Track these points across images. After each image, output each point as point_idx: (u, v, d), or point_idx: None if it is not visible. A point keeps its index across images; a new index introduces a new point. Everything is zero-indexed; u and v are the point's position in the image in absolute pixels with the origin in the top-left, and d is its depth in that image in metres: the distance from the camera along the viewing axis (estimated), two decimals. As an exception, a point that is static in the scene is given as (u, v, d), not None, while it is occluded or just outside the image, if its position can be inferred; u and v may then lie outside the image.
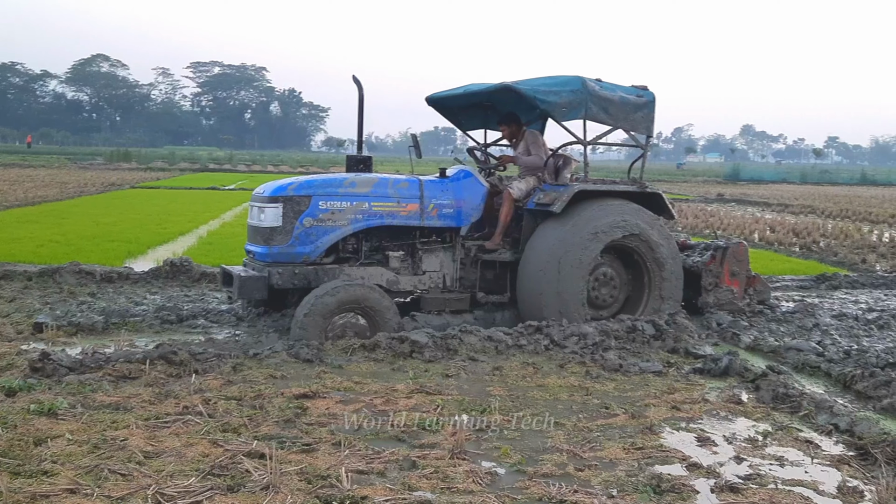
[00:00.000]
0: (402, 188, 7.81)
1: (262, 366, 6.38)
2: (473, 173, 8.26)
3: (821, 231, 18.68)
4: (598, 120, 8.10)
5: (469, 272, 8.15)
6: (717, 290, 8.71)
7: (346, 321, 7.18)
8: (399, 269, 7.86)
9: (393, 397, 5.76)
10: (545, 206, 7.93)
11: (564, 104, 7.88)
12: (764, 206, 30.46)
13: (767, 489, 4.30)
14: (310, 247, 7.46)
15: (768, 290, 9.28)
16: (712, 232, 17.90)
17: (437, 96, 9.17)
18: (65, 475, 4.12)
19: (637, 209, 8.14)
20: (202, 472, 4.26)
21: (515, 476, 4.45)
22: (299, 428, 5.04)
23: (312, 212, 7.45)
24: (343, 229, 7.57)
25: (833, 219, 24.50)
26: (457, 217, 8.00)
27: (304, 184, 7.61)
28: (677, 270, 8.28)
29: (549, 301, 7.72)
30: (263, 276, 7.33)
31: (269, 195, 7.50)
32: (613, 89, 8.23)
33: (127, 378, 5.92)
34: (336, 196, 7.56)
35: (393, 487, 4.18)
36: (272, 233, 7.40)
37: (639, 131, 8.45)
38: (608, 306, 8.26)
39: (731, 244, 8.96)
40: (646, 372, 6.66)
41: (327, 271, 7.49)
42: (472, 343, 6.98)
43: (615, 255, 8.21)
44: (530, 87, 7.89)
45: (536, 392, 6.06)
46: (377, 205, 7.66)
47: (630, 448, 4.90)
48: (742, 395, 6.10)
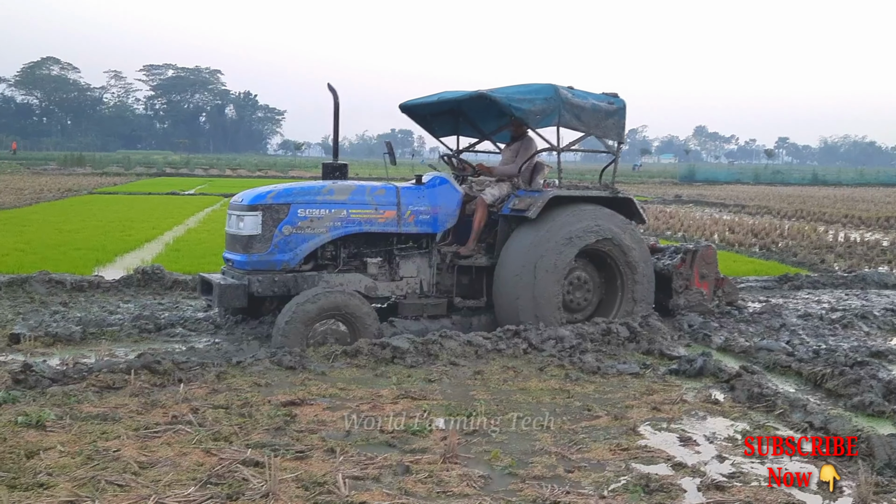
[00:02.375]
0: (379, 195, 7.91)
1: (245, 374, 6.42)
2: (449, 180, 8.39)
3: (779, 231, 19.09)
4: (570, 127, 8.29)
5: (445, 277, 8.28)
6: (688, 292, 8.93)
7: (327, 328, 7.22)
8: (377, 276, 7.94)
9: (379, 403, 5.83)
10: (520, 211, 8.07)
11: (538, 111, 8.05)
12: (721, 206, 30.98)
13: (752, 487, 4.45)
14: (289, 254, 7.52)
15: (736, 292, 9.53)
16: (683, 235, 18.25)
17: (410, 104, 9.30)
18: (63, 487, 4.13)
19: (610, 214, 8.33)
20: (199, 481, 4.30)
21: (508, 479, 4.55)
22: (290, 435, 5.09)
23: (291, 219, 7.51)
24: (322, 236, 7.64)
25: (789, 219, 25.02)
26: (433, 223, 8.11)
27: (282, 192, 7.68)
28: (649, 273, 8.47)
29: (524, 305, 7.84)
30: (243, 284, 7.36)
31: (249, 203, 7.56)
32: (585, 97, 8.40)
33: (111, 388, 5.92)
34: (315, 204, 7.62)
35: (390, 492, 4.26)
36: (251, 241, 7.46)
37: (610, 137, 8.64)
38: (582, 309, 8.42)
39: (700, 247, 9.18)
40: (623, 374, 6.81)
41: (307, 278, 7.54)
42: (453, 348, 7.08)
43: (588, 259, 8.37)
44: (504, 95, 8.03)
45: (519, 395, 6.17)
46: (355, 212, 7.75)
47: (616, 449, 5.03)
48: (718, 395, 6.27)
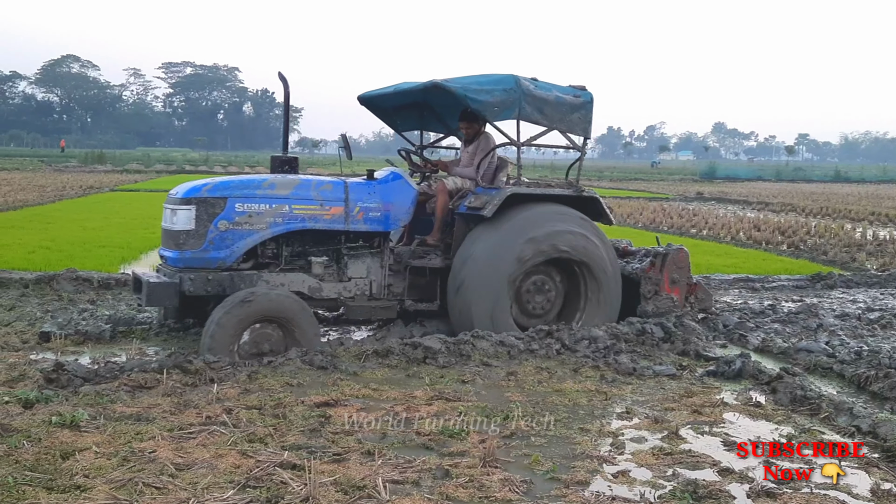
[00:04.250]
0: (325, 190, 7.42)
1: (276, 374, 6.34)
2: (403, 176, 7.90)
3: (806, 229, 18.87)
4: (532, 120, 7.79)
5: (398, 279, 7.81)
6: (657, 297, 8.27)
7: (259, 332, 6.80)
8: (323, 276, 7.46)
9: (413, 404, 5.74)
10: (476, 210, 7.62)
11: (497, 103, 7.58)
12: (744, 204, 30.72)
13: (803, 493, 4.32)
14: (225, 251, 7.04)
15: (710, 298, 8.92)
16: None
17: (368, 95, 8.78)
18: (101, 490, 4.07)
19: (572, 215, 7.87)
20: (237, 483, 4.22)
21: (551, 484, 4.44)
22: (325, 437, 5.01)
23: (228, 214, 7.02)
24: (261, 233, 7.16)
25: (814, 216, 24.78)
26: (384, 221, 7.62)
27: (219, 185, 7.22)
28: (615, 278, 8.02)
29: (478, 310, 7.44)
30: (174, 282, 6.92)
31: (182, 197, 7.08)
32: (549, 89, 7.94)
33: (143, 388, 5.86)
34: (254, 198, 7.14)
35: (431, 497, 4.17)
36: (184, 236, 6.97)
37: (576, 133, 8.15)
38: (543, 315, 7.93)
39: (672, 250, 8.49)
40: (660, 375, 6.70)
41: (244, 278, 7.09)
42: (485, 348, 6.97)
43: (550, 262, 7.85)
44: (461, 86, 7.56)
45: (555, 397, 6.07)
46: (298, 208, 7.27)
47: (659, 453, 4.92)
48: (759, 398, 6.14)
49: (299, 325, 6.83)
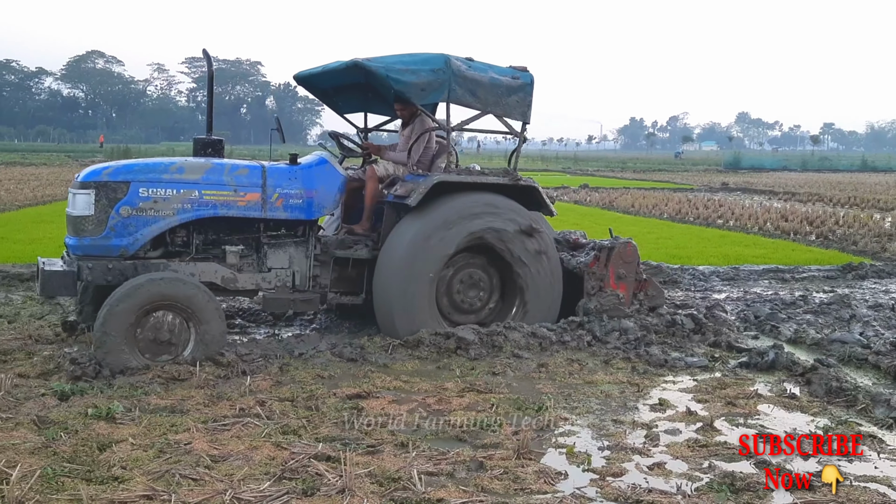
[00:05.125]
0: (239, 175, 6.97)
1: (308, 366, 6.37)
2: (329, 160, 7.45)
3: (834, 219, 18.65)
4: (463, 103, 7.34)
5: (324, 270, 7.36)
6: (601, 294, 7.74)
7: (157, 322, 6.28)
8: (240, 266, 7.02)
9: (445, 396, 5.74)
10: (402, 198, 7.22)
11: (423, 84, 7.12)
12: (770, 194, 30.41)
13: (842, 486, 4.27)
14: (127, 239, 6.59)
15: (662, 296, 8.30)
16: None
17: (302, 74, 8.29)
18: (138, 481, 4.10)
19: (504, 205, 7.41)
20: (273, 475, 4.24)
21: (586, 476, 4.42)
22: (359, 429, 5.02)
23: (131, 200, 6.57)
24: (168, 220, 6.70)
25: (842, 206, 24.49)
26: (307, 209, 7.17)
27: (121, 168, 6.82)
28: (552, 272, 7.54)
29: (399, 305, 7.06)
30: (72, 270, 6.50)
31: (81, 180, 6.66)
32: (485, 70, 7.47)
33: (176, 380, 5.91)
34: (160, 182, 6.68)
35: (466, 489, 4.17)
36: (83, 222, 6.53)
37: (513, 117, 7.63)
38: (477, 310, 7.53)
39: (618, 244, 7.93)
40: (692, 367, 6.65)
41: (148, 266, 6.62)
42: (517, 339, 6.94)
43: (484, 255, 7.48)
44: (383, 65, 7.13)
45: (587, 389, 6.04)
46: (209, 193, 6.81)
47: (694, 445, 4.89)
48: (794, 390, 6.07)
49: (197, 309, 6.32)
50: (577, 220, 17.14)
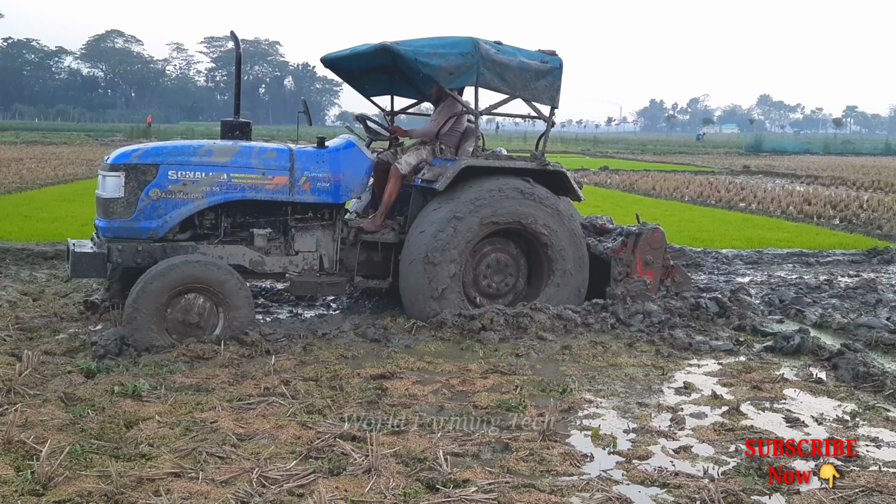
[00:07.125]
0: (268, 158, 6.98)
1: (331, 346, 6.39)
2: (356, 144, 7.41)
3: (858, 203, 18.46)
4: (492, 87, 7.31)
5: (352, 254, 7.36)
6: (628, 280, 7.72)
7: (188, 303, 6.34)
8: (268, 249, 7.04)
9: (469, 377, 5.74)
10: (429, 183, 7.23)
11: (451, 68, 7.09)
12: (793, 177, 30.11)
13: (871, 472, 4.23)
14: (157, 221, 6.64)
15: (689, 282, 8.28)
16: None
17: (330, 57, 8.23)
18: (166, 458, 4.13)
19: (531, 189, 7.36)
20: (299, 454, 4.26)
21: (612, 458, 4.41)
22: (383, 409, 5.02)
23: (160, 182, 6.62)
24: (197, 203, 6.74)
25: (866, 190, 24.21)
26: (335, 192, 7.16)
27: (151, 151, 6.82)
28: (579, 258, 7.51)
29: (424, 289, 7.04)
30: (102, 252, 6.53)
31: (111, 163, 6.69)
32: (513, 54, 7.41)
33: (201, 359, 5.94)
34: (189, 165, 6.71)
35: (492, 470, 4.16)
36: (113, 204, 6.59)
37: (542, 101, 7.58)
38: (503, 295, 7.51)
39: (646, 230, 7.87)
40: (717, 350, 6.61)
41: (178, 249, 6.66)
42: (542, 321, 6.91)
43: (511, 239, 7.49)
44: (412, 49, 7.10)
45: (611, 371, 6.02)
46: (238, 176, 6.85)
47: (721, 429, 4.85)
48: (820, 374, 6.03)
49: (228, 294, 6.37)
50: (599, 202, 17.03)
